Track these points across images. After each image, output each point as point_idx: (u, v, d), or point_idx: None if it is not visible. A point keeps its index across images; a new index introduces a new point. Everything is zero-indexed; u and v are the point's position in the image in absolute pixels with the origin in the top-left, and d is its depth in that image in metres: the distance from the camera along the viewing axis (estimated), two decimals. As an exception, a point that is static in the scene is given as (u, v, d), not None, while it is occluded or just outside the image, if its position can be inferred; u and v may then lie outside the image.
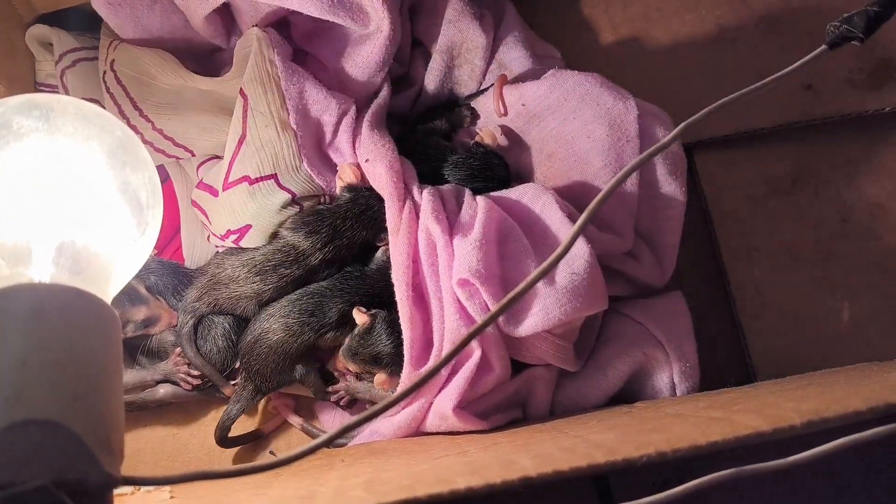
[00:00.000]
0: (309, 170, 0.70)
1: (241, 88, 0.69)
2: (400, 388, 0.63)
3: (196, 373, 0.71)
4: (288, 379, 0.69)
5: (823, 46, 0.54)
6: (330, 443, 0.40)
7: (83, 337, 0.40)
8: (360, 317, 0.66)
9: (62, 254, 0.43)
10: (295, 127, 0.69)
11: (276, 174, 0.69)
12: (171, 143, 0.73)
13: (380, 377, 0.65)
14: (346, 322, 0.67)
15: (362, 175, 0.69)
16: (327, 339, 0.68)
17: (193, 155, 0.75)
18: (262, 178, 0.68)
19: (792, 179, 0.81)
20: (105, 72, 0.73)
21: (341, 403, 0.71)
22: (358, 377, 0.70)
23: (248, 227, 0.70)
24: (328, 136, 0.71)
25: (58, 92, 0.74)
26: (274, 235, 0.70)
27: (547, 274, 0.57)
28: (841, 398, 0.45)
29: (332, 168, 0.72)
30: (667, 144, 0.51)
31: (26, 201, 0.44)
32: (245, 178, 0.69)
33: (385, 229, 0.66)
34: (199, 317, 0.70)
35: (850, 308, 0.78)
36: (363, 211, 0.69)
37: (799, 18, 0.85)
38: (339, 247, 0.69)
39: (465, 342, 0.44)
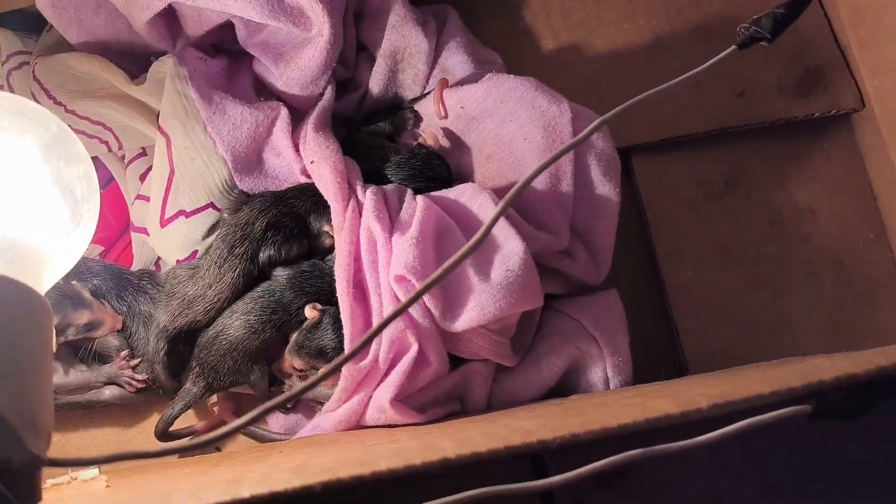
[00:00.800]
0: (244, 187, 0.72)
1: (159, 126, 0.71)
2: (341, 383, 0.64)
3: (140, 377, 0.71)
4: (242, 379, 0.70)
5: (733, 46, 0.57)
6: (252, 422, 0.41)
7: (12, 322, 0.41)
8: (310, 312, 0.67)
9: (-6, 243, 0.44)
10: (224, 153, 0.71)
11: (212, 202, 0.71)
12: (87, 122, 0.74)
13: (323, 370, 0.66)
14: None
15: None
16: (288, 336, 0.69)
17: (117, 140, 0.75)
18: (198, 210, 0.71)
19: (724, 182, 0.84)
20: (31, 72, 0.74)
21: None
22: (301, 377, 0.70)
23: (196, 251, 0.72)
24: (262, 147, 0.73)
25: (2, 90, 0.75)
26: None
27: (475, 259, 0.59)
28: (747, 384, 0.47)
29: (270, 173, 0.73)
30: (588, 134, 0.54)
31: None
32: (181, 213, 0.71)
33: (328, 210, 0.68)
34: (176, 338, 0.70)
35: (778, 307, 0.81)
36: (305, 185, 0.71)
37: (732, 27, 0.87)
38: (281, 213, 0.70)
39: (392, 316, 0.46)
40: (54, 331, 0.52)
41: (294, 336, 0.68)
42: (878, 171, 0.85)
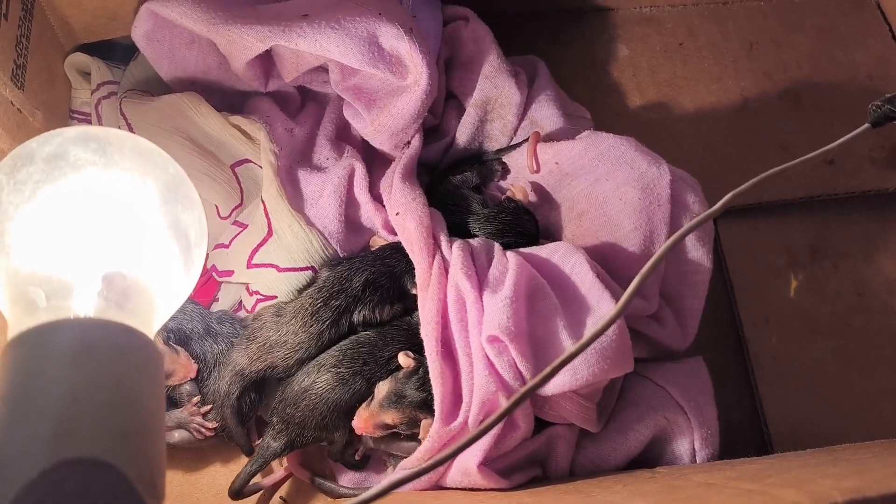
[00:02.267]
0: (337, 247, 0.71)
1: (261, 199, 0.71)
2: (426, 443, 0.62)
3: (210, 424, 0.69)
4: (326, 435, 0.67)
5: (867, 125, 0.56)
6: (380, 496, 0.39)
7: (132, 375, 0.39)
8: (405, 360, 0.65)
9: (110, 287, 0.43)
10: (314, 224, 0.71)
11: (311, 266, 0.71)
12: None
13: (426, 423, 0.64)
14: (399, 369, 0.66)
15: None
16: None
17: None
18: (293, 269, 0.70)
19: (812, 251, 0.82)
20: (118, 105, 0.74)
21: (356, 457, 0.70)
22: (385, 436, 0.68)
23: (275, 296, 0.71)
24: (344, 209, 0.72)
25: (90, 120, 0.74)
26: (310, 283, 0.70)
27: (569, 322, 0.57)
28: (880, 478, 0.45)
29: (357, 227, 0.73)
30: (709, 217, 0.52)
31: (79, 232, 0.43)
32: (272, 265, 0.70)
33: None
34: (247, 382, 0.68)
35: (864, 381, 0.78)
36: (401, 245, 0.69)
37: (819, 94, 0.88)
38: (379, 272, 0.68)
39: (504, 414, 0.44)
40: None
41: (386, 388, 0.65)
42: (963, 247, 0.83)
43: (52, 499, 0.34)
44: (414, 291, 0.68)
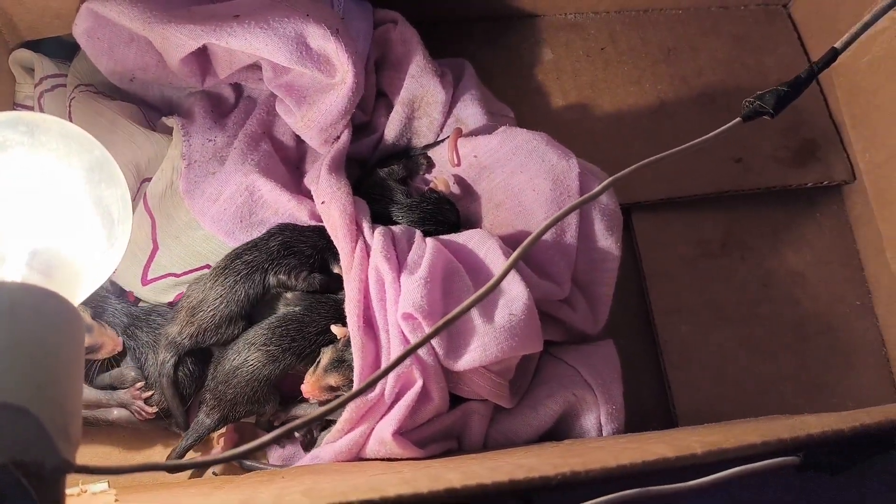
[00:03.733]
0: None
1: (145, 203, 0.76)
2: (345, 415, 0.66)
3: (151, 409, 0.72)
4: (258, 409, 0.71)
5: (738, 119, 0.61)
6: (266, 445, 0.43)
7: (52, 334, 0.43)
8: (339, 330, 0.69)
9: (36, 257, 0.46)
10: (213, 230, 0.75)
11: (207, 264, 0.75)
12: None
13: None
14: (325, 344, 0.70)
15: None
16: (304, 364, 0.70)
17: None
18: (190, 271, 0.75)
19: (721, 243, 0.88)
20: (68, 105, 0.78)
21: (276, 424, 0.74)
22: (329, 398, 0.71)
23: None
24: (255, 210, 0.76)
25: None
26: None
27: (482, 304, 0.62)
28: (739, 434, 0.50)
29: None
30: (598, 193, 0.57)
31: (7, 207, 0.47)
32: (170, 275, 0.75)
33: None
34: (182, 353, 0.72)
35: (768, 367, 0.84)
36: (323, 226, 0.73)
37: (731, 97, 0.93)
38: (298, 240, 0.73)
39: (402, 357, 0.48)
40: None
41: (329, 354, 0.68)
42: (865, 242, 0.89)
43: (-30, 439, 0.38)
44: (336, 271, 0.72)
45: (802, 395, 0.83)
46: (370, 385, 0.46)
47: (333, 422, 0.69)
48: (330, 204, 0.72)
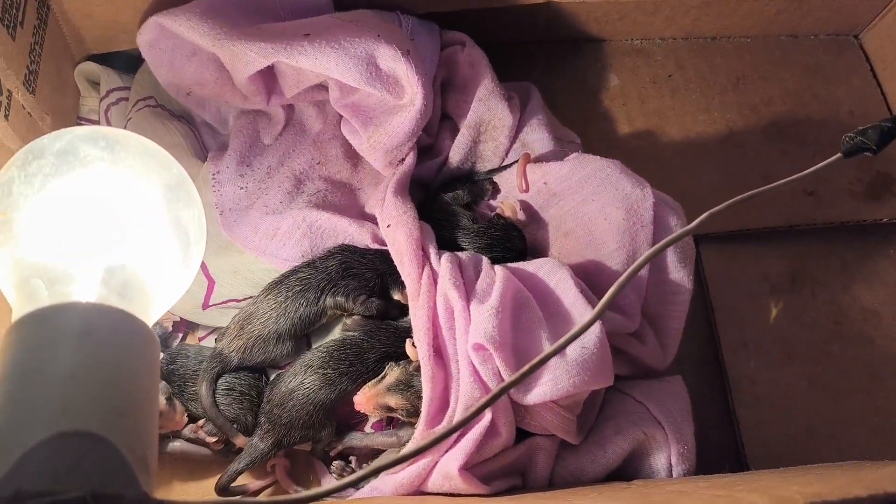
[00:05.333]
0: None
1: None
2: (411, 445, 0.64)
3: (212, 438, 0.70)
4: (313, 434, 0.69)
5: (839, 154, 0.58)
6: (349, 487, 0.41)
7: (129, 357, 0.41)
8: (412, 351, 0.67)
9: (112, 276, 0.45)
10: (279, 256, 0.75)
11: None
12: None
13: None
14: (380, 371, 0.68)
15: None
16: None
17: None
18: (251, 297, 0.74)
19: (791, 279, 0.85)
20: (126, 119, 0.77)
21: (331, 454, 0.72)
22: (387, 420, 0.70)
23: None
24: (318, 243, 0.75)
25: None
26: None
27: (561, 350, 0.59)
28: (842, 485, 0.47)
29: None
30: (687, 233, 0.55)
31: (84, 224, 0.46)
32: (232, 301, 0.74)
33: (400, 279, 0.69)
34: (226, 366, 0.70)
35: (838, 408, 0.80)
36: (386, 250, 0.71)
37: (801, 128, 0.91)
38: (359, 263, 0.71)
39: (480, 408, 0.46)
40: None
41: (396, 373, 0.67)
42: (940, 280, 0.85)
43: (49, 468, 0.36)
44: (397, 297, 0.71)
45: (874, 438, 0.79)
46: (452, 432, 0.44)
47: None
48: (396, 228, 0.70)
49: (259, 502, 0.41)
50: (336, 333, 0.72)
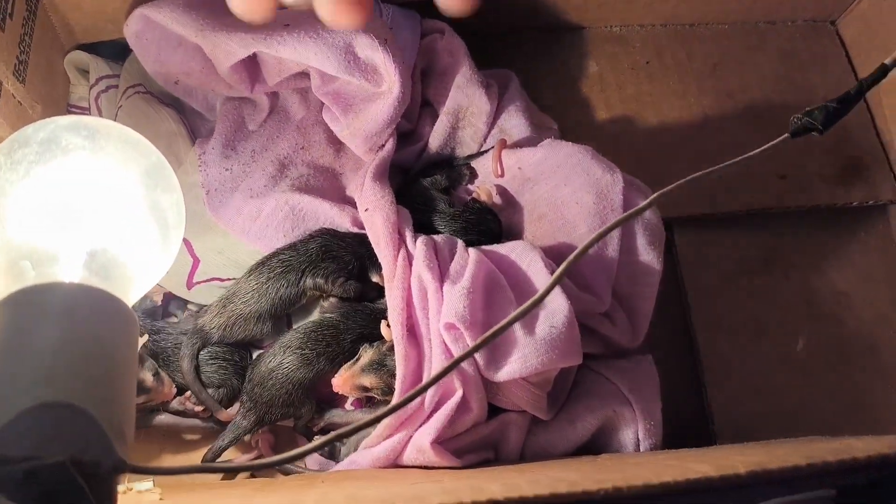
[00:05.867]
0: None
1: None
2: (386, 421, 0.66)
3: (199, 408, 0.73)
4: (293, 412, 0.72)
5: (786, 135, 0.60)
6: (317, 450, 0.44)
7: (108, 334, 0.44)
8: (387, 331, 0.70)
9: (94, 259, 0.48)
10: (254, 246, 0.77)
11: None
12: None
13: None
14: (356, 352, 0.71)
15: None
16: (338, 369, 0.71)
17: None
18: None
19: (763, 260, 0.87)
20: (118, 106, 0.80)
21: (315, 430, 0.75)
22: (361, 397, 0.73)
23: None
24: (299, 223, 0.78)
25: (89, 113, 0.80)
26: None
27: (524, 317, 0.61)
28: (784, 455, 0.49)
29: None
30: (643, 209, 0.57)
31: (66, 209, 0.48)
32: (215, 279, 0.76)
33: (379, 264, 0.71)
34: (206, 342, 0.73)
35: (809, 386, 0.83)
36: (364, 234, 0.73)
37: (777, 113, 0.92)
38: (339, 246, 0.73)
39: (443, 373, 0.48)
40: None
41: (369, 354, 0.69)
42: (911, 263, 0.87)
43: (31, 436, 0.39)
44: (375, 279, 0.73)
45: (843, 416, 0.82)
46: (413, 398, 0.46)
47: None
48: (374, 212, 0.72)
49: (230, 467, 0.44)
50: (314, 315, 0.75)
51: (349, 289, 0.73)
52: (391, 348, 0.69)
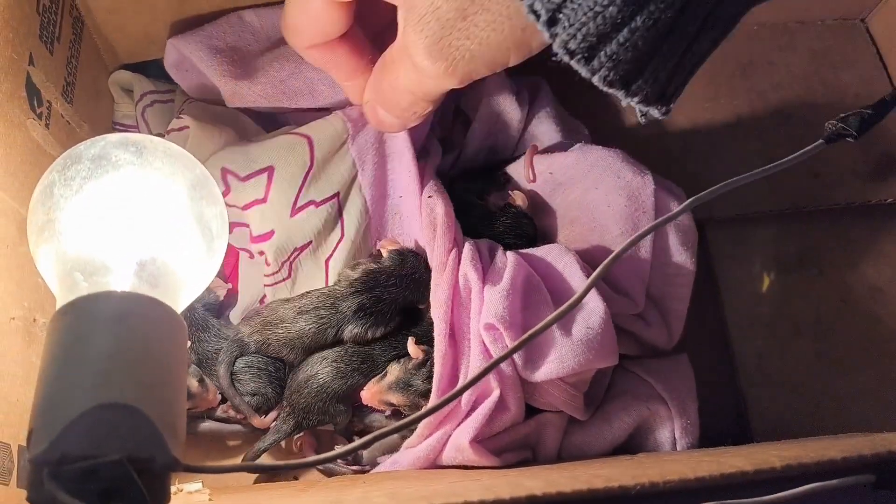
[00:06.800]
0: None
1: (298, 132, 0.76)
2: (424, 420, 0.68)
3: (239, 416, 0.75)
4: (329, 419, 0.74)
5: (820, 141, 0.61)
6: (356, 450, 0.45)
7: (159, 339, 0.46)
8: (413, 349, 0.71)
9: (144, 268, 0.50)
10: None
11: (337, 193, 0.75)
12: None
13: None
14: None
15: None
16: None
17: None
18: (326, 200, 0.75)
19: (798, 259, 0.87)
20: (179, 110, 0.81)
21: (354, 432, 0.77)
22: (389, 411, 0.74)
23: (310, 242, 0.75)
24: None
25: (134, 129, 0.82)
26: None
27: (562, 318, 0.62)
28: (819, 448, 0.50)
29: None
30: (677, 215, 0.58)
31: (118, 221, 0.51)
32: (311, 203, 0.74)
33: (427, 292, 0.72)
34: (243, 352, 0.74)
35: (846, 383, 0.83)
36: (409, 273, 0.74)
37: (808, 113, 0.92)
38: (376, 299, 0.73)
39: (484, 373, 0.50)
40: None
41: (396, 372, 0.71)
42: (948, 259, 0.87)
43: (89, 435, 0.41)
44: (421, 307, 0.75)
45: (881, 413, 0.81)
46: (455, 396, 0.48)
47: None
48: (437, 199, 0.73)
49: (275, 466, 0.46)
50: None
51: (391, 329, 0.75)
52: (417, 366, 0.70)
